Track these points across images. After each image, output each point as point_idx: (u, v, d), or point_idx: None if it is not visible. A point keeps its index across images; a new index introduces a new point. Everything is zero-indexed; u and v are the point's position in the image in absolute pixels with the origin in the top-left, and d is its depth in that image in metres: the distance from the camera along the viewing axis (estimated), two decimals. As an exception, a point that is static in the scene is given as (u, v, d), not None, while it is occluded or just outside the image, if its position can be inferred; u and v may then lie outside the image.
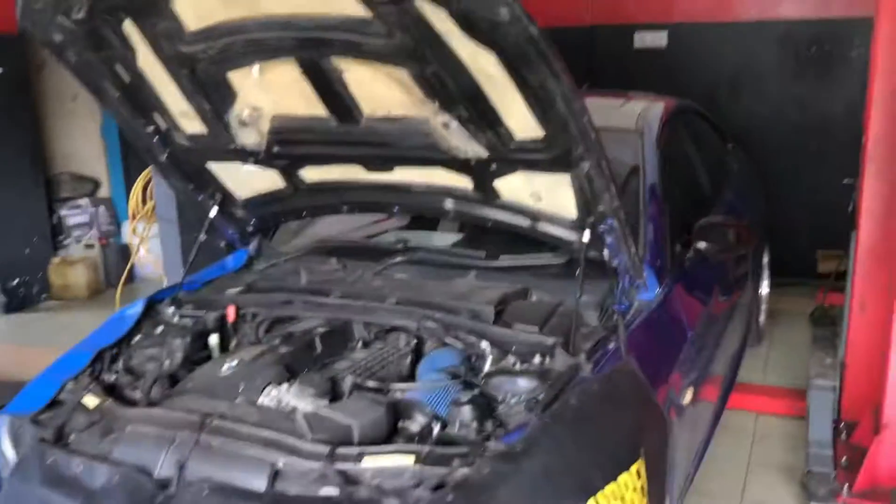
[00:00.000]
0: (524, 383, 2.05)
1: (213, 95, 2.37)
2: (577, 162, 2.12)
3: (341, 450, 1.79)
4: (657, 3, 5.87)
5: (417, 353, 2.38)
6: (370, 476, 1.75)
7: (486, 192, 2.44)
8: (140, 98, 2.44)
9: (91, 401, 2.13)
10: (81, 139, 6.37)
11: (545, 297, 2.47)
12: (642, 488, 1.87)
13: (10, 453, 2.09)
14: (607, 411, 1.95)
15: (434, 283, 2.57)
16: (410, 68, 2.03)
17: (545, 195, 2.35)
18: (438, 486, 1.71)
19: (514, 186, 2.37)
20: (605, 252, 2.39)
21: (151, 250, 5.56)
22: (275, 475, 1.77)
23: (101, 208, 6.42)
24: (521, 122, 2.08)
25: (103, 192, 6.51)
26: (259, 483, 1.76)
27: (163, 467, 1.84)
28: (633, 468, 1.86)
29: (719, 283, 3.21)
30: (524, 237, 2.53)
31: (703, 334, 2.83)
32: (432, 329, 2.31)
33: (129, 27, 2.16)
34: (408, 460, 1.76)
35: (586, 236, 2.33)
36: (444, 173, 2.41)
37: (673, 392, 2.39)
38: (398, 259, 2.74)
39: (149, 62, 2.28)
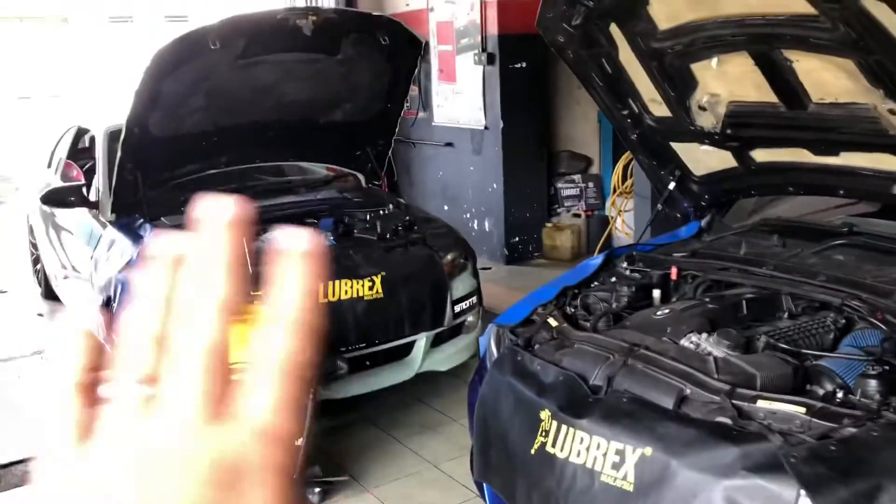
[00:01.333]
0: (941, 370, 2.07)
1: (677, 84, 2.78)
2: None
3: (740, 390, 2.09)
4: None
5: (845, 333, 2.50)
6: (762, 415, 2.01)
7: (937, 181, 2.42)
8: (619, 86, 2.96)
9: (553, 322, 2.74)
10: (581, 123, 7.30)
11: None
12: None
13: (494, 351, 2.82)
14: None
15: (871, 267, 2.62)
16: (855, 58, 2.17)
17: None
18: (824, 437, 1.90)
19: (970, 176, 2.32)
20: None
21: (627, 222, 6.20)
22: (681, 399, 2.14)
23: (590, 184, 7.28)
24: (972, 109, 2.07)
25: (593, 169, 7.36)
26: (668, 402, 2.15)
27: (596, 377, 2.34)
28: None
29: None
30: None
31: None
32: (857, 308, 2.41)
33: (614, 29, 2.69)
34: (799, 410, 1.98)
35: None
36: (892, 159, 2.45)
37: None
38: (839, 241, 2.83)
39: (627, 57, 2.78)
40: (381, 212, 4.46)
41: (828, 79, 2.33)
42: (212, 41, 3.66)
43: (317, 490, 3.17)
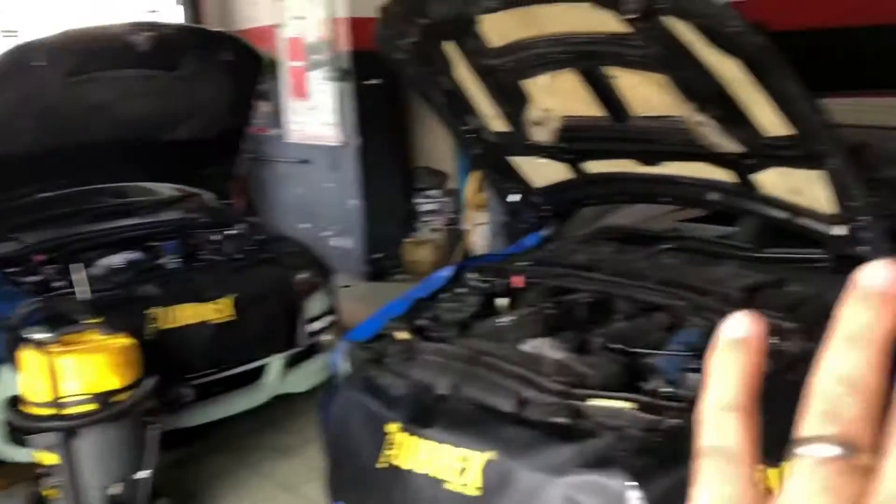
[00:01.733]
0: (755, 361, 2.25)
1: (512, 100, 2.88)
2: (822, 159, 2.24)
3: (576, 390, 2.18)
4: None
5: (673, 330, 2.66)
6: (594, 413, 2.11)
7: (746, 186, 2.62)
8: (458, 103, 3.03)
9: (402, 335, 2.76)
10: (437, 138, 7.40)
11: (803, 290, 2.58)
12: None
13: (345, 368, 2.81)
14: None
15: (695, 269, 2.81)
16: (666, 74, 2.33)
17: (802, 190, 2.48)
18: (650, 430, 2.01)
19: (772, 181, 2.53)
20: (863, 248, 2.44)
21: (482, 235, 6.34)
22: (521, 402, 2.21)
23: (449, 198, 7.40)
24: (769, 120, 2.27)
25: (451, 184, 7.49)
26: (508, 406, 2.21)
27: (442, 386, 2.38)
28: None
29: None
30: (795, 232, 2.66)
31: None
32: (682, 308, 2.57)
33: (449, 46, 2.75)
34: (628, 405, 2.09)
35: (841, 230, 2.42)
36: (706, 167, 2.64)
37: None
38: (667, 245, 3.01)
39: (463, 74, 2.86)
40: (231, 232, 4.36)
41: (647, 93, 2.49)
42: (37, 57, 3.47)
43: (166, 523, 3.04)
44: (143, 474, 2.92)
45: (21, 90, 3.59)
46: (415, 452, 2.24)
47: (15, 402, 2.90)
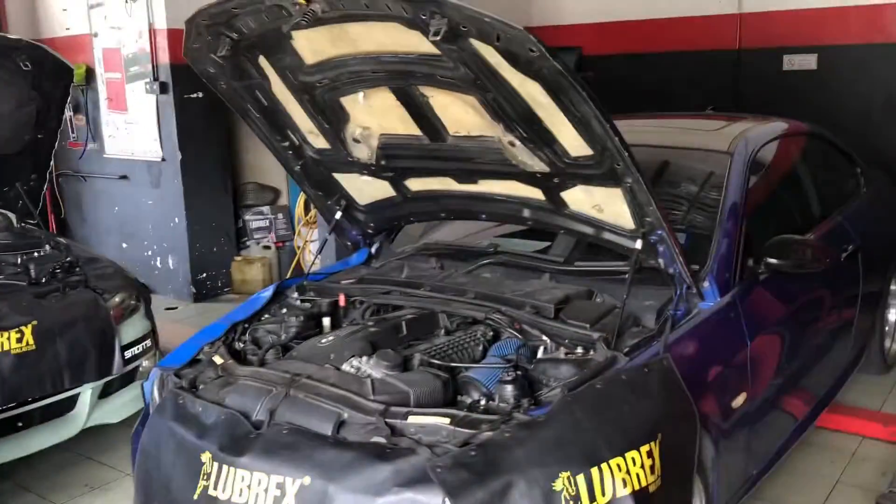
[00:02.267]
0: (564, 370, 2.35)
1: (330, 117, 2.85)
2: (620, 177, 2.39)
3: (393, 409, 2.18)
4: (807, 25, 5.81)
5: (494, 343, 2.72)
6: (412, 431, 2.11)
7: (555, 203, 2.74)
8: (276, 118, 2.97)
9: (219, 360, 2.66)
10: (266, 153, 7.19)
11: (610, 300, 2.73)
12: (651, 467, 2.09)
13: (157, 396, 2.67)
14: (627, 396, 2.19)
15: (512, 283, 2.90)
16: (476, 95, 2.39)
17: (605, 206, 2.62)
18: (465, 444, 2.04)
19: (578, 198, 2.66)
20: (660, 261, 2.62)
21: (314, 252, 6.25)
22: (339, 424, 2.18)
23: (280, 215, 7.25)
24: (571, 140, 2.38)
25: (282, 200, 7.34)
26: (326, 428, 2.17)
27: (259, 412, 2.30)
28: (644, 448, 2.09)
29: (809, 301, 3.28)
30: (604, 246, 2.81)
31: (774, 346, 2.95)
32: (499, 321, 2.64)
33: (263, 61, 2.69)
34: (444, 421, 2.11)
35: (638, 244, 2.58)
36: (519, 185, 2.74)
37: (720, 394, 2.57)
38: (486, 261, 3.10)
39: (280, 89, 2.80)
40: (36, 253, 4.05)
41: (460, 113, 2.54)
42: None
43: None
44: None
45: None
46: (231, 482, 2.16)
47: None
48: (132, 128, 6.56)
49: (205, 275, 6.62)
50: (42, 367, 3.39)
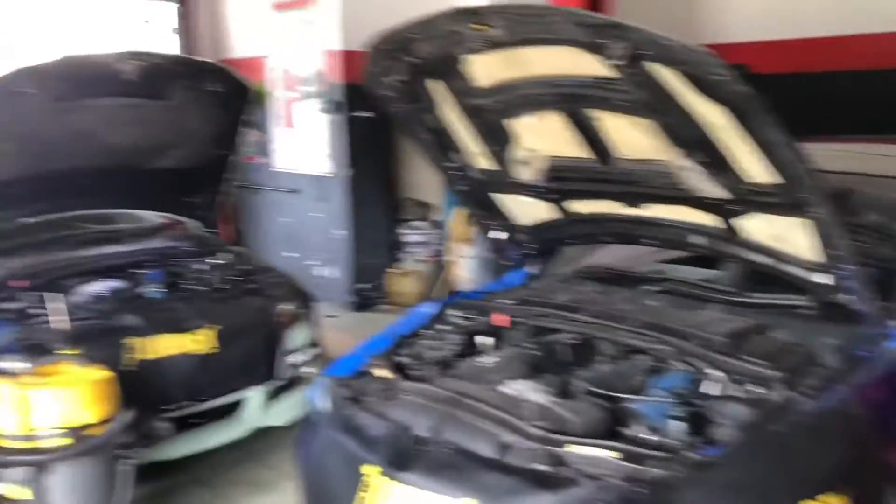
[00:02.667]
0: (738, 409, 2.22)
1: (497, 139, 2.88)
2: (806, 206, 2.25)
3: (556, 436, 2.15)
4: None
5: (656, 374, 2.63)
6: (575, 460, 2.08)
7: (729, 231, 2.62)
8: (443, 140, 3.03)
9: (382, 373, 2.73)
10: (425, 170, 7.40)
11: (786, 336, 2.57)
12: (834, 520, 1.95)
13: (323, 405, 2.77)
14: (808, 442, 2.05)
15: (679, 312, 2.79)
16: (651, 118, 2.33)
17: (785, 236, 2.48)
18: (631, 479, 1.98)
19: (755, 226, 2.53)
20: (846, 297, 2.44)
21: (466, 268, 6.32)
22: (502, 447, 2.18)
23: (434, 230, 7.39)
24: (753, 167, 2.27)
25: (437, 216, 7.48)
26: (489, 451, 2.18)
27: (421, 428, 2.34)
28: (825, 500, 1.94)
29: None
30: (781, 278, 2.66)
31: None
32: (666, 352, 2.55)
33: (435, 85, 2.75)
34: (610, 454, 2.06)
35: (823, 278, 2.41)
36: (688, 211, 2.65)
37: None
38: (651, 287, 3.01)
39: (449, 112, 2.86)
40: (215, 261, 4.32)
41: (631, 137, 2.49)
42: (26, 83, 3.45)
43: (137, 561, 2.97)
44: (113, 507, 2.86)
45: (8, 114, 3.56)
46: (391, 496, 2.20)
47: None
48: (304, 144, 6.91)
49: (363, 285, 6.85)
50: (220, 369, 3.62)
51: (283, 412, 4.01)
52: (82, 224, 4.75)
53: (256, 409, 3.85)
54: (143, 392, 3.19)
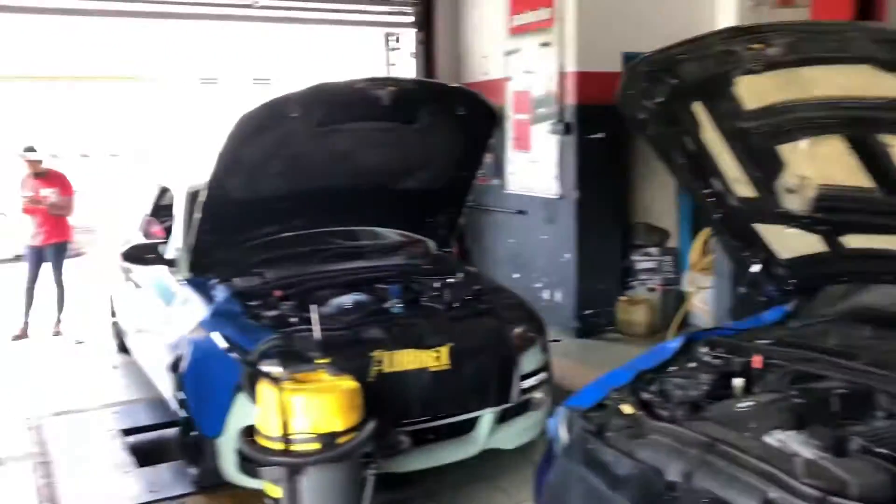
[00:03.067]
0: None
1: (763, 165, 2.67)
2: None
3: (833, 498, 1.92)
4: None
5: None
6: (857, 529, 1.84)
7: None
8: (700, 165, 2.87)
9: (627, 409, 2.61)
10: (659, 195, 7.15)
11: None
12: None
13: (564, 436, 2.70)
14: None
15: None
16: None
17: None
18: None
19: None
20: None
21: (705, 300, 5.98)
22: (766, 503, 1.98)
23: (667, 257, 7.10)
24: None
25: (671, 242, 7.18)
26: (750, 504, 1.99)
27: (673, 473, 2.20)
28: None
29: None
30: None
31: None
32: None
33: (697, 107, 2.61)
34: (899, 525, 1.81)
35: None
36: None
37: None
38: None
39: (710, 135, 2.70)
40: (451, 280, 4.41)
41: (927, 166, 2.20)
42: (292, 109, 3.73)
43: (374, 570, 3.06)
44: (357, 519, 2.96)
45: (276, 137, 3.88)
46: (640, 541, 2.08)
47: (247, 432, 3.06)
48: (533, 166, 6.93)
49: (590, 311, 6.72)
50: (454, 387, 3.67)
51: (513, 436, 3.99)
52: (330, 239, 5.06)
53: (488, 430, 3.86)
54: (384, 404, 3.29)
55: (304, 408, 2.88)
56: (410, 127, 4.14)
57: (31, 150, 7.24)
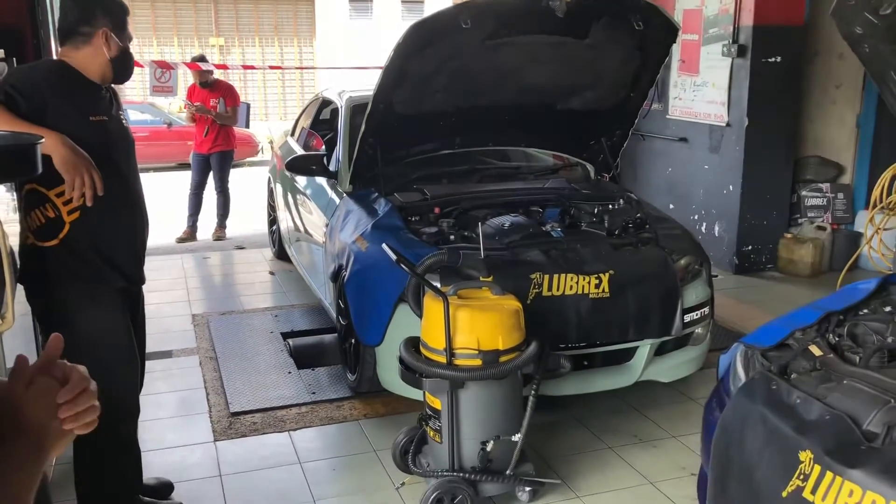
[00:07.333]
0: None
1: None
2: None
3: None
4: None
5: None
6: None
7: None
8: (922, 89, 2.56)
9: (816, 350, 2.42)
10: (835, 127, 6.61)
11: None
12: None
13: (741, 374, 2.55)
14: None
15: None
16: None
17: None
18: None
19: None
20: None
21: (885, 242, 5.52)
22: None
23: (840, 194, 6.60)
24: None
25: (845, 178, 6.66)
26: (967, 465, 1.80)
27: (871, 423, 2.02)
28: None
29: None
30: None
31: None
32: None
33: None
34: None
35: None
36: None
37: None
38: None
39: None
40: (611, 206, 4.25)
41: None
42: (463, 20, 3.62)
43: (527, 489, 3.06)
44: (516, 437, 2.96)
45: (443, 51, 3.79)
46: (834, 491, 1.94)
47: (409, 343, 3.09)
48: (700, 91, 6.54)
49: (750, 247, 6.38)
50: (613, 316, 3.57)
51: (670, 370, 3.87)
52: (488, 159, 4.99)
53: (643, 361, 3.75)
54: (541, 327, 3.24)
55: (469, 324, 2.87)
56: (582, 42, 3.94)
57: (201, 59, 7.53)
